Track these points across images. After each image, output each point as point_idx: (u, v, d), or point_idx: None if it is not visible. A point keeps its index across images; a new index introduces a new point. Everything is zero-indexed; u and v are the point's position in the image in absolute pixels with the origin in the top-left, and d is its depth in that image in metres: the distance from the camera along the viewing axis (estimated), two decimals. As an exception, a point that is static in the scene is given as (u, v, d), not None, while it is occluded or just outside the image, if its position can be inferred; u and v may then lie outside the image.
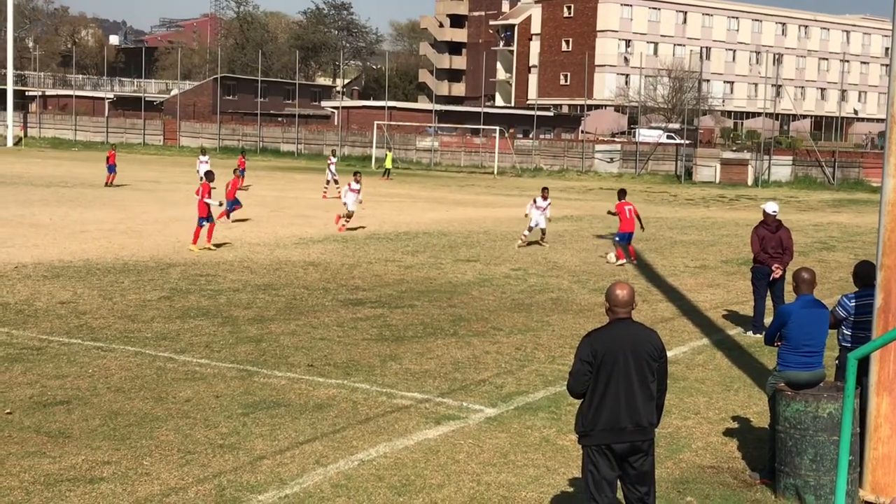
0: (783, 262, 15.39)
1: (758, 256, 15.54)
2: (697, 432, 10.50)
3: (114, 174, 41.40)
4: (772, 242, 15.39)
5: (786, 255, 15.42)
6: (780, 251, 15.38)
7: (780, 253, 15.38)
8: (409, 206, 35.81)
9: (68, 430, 9.87)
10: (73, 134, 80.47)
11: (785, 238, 15.51)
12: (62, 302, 16.26)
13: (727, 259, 24.43)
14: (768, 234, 15.43)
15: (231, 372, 12.20)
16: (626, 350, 6.91)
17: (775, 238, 15.40)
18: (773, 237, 15.40)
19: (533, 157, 64.73)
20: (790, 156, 59.38)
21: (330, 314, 15.94)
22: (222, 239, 24.84)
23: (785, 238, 15.51)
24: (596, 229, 30.38)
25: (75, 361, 12.47)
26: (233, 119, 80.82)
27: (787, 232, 15.68)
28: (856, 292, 9.78)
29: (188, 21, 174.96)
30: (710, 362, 13.70)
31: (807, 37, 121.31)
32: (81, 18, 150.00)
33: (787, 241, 15.54)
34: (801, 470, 8.60)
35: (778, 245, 15.39)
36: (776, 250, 15.36)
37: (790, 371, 9.02)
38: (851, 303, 9.62)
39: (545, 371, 12.75)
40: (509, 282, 19.86)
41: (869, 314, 9.07)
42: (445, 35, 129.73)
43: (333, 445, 9.64)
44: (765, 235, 15.46)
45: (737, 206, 42.61)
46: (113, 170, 41.43)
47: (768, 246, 15.39)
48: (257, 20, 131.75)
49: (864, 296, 9.44)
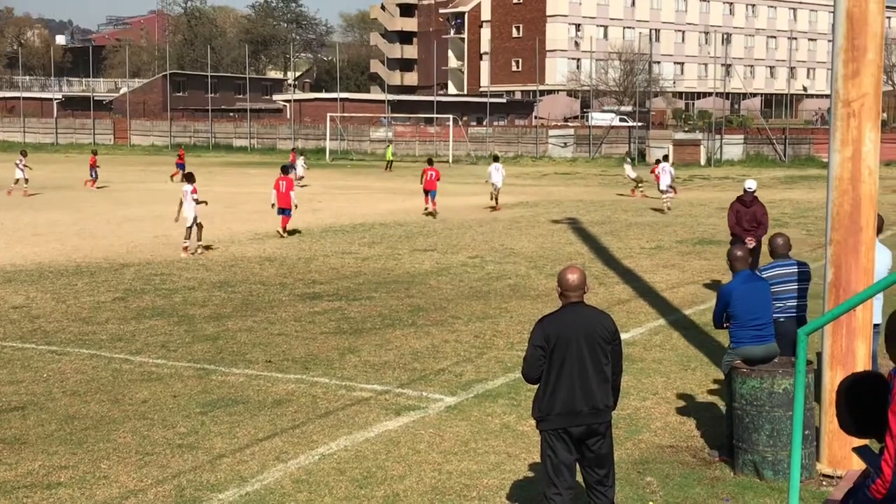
0: (757, 234, 16.42)
1: (733, 230, 16.71)
2: (656, 412, 10.58)
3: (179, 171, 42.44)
4: (746, 216, 16.50)
5: (759, 228, 16.51)
6: (754, 224, 16.46)
7: (755, 227, 16.43)
8: (365, 198, 35.70)
9: (24, 435, 9.75)
10: (21, 136, 79.33)
11: (759, 213, 16.63)
12: (15, 307, 16.06)
13: (682, 239, 24.62)
14: (743, 209, 16.55)
15: (188, 371, 12.11)
16: (578, 334, 6.92)
17: (749, 213, 16.52)
18: (747, 212, 16.53)
19: (487, 145, 64.76)
20: (741, 134, 59.87)
21: (287, 309, 15.86)
22: (177, 237, 24.63)
23: (759, 213, 16.63)
24: (552, 214, 30.45)
25: (29, 366, 12.32)
26: (184, 116, 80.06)
27: (761, 207, 16.80)
28: (767, 265, 10.36)
29: (135, 18, 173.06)
30: (666, 342, 13.80)
31: (754, 15, 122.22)
32: (26, 19, 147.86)
33: (762, 216, 16.65)
34: (759, 446, 8.68)
35: (752, 219, 16.49)
36: (751, 224, 16.46)
37: (744, 347, 9.10)
38: (764, 274, 9.96)
39: (504, 358, 12.78)
40: (467, 270, 19.88)
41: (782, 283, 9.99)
42: (396, 24, 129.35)
43: (293, 441, 9.60)
44: (739, 210, 16.59)
45: (690, 186, 42.89)
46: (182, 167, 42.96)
47: (743, 220, 16.51)
48: (205, 15, 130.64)
49: (773, 267, 10.18)
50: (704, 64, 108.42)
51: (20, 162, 37.12)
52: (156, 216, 29.81)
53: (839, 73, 8.78)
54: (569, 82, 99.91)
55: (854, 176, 8.75)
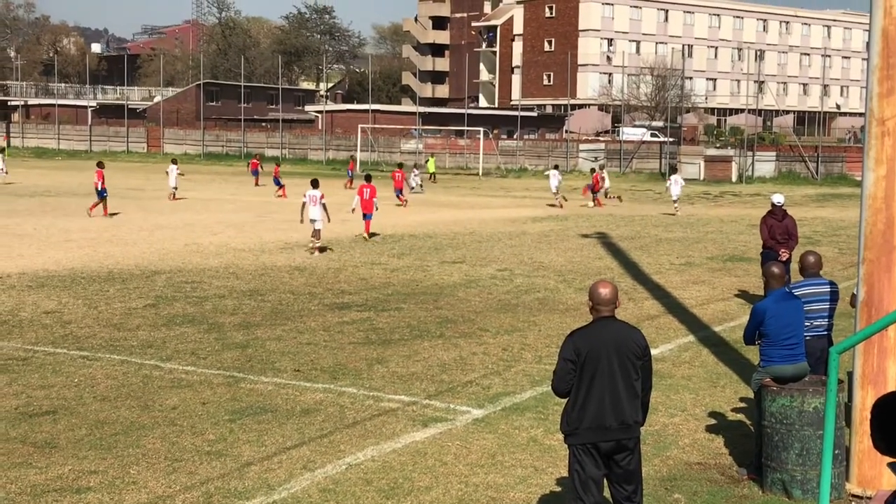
0: (789, 246, 16.82)
1: (766, 243, 17.00)
2: (684, 429, 10.53)
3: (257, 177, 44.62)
4: (779, 230, 16.89)
5: (791, 240, 16.91)
6: (786, 237, 16.86)
7: (787, 239, 16.84)
8: (395, 209, 35.78)
9: (54, 440, 9.84)
10: (56, 143, 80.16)
11: (791, 225, 17.04)
12: (47, 312, 16.21)
13: (712, 256, 24.50)
14: (776, 223, 16.94)
15: (217, 378, 12.17)
16: (609, 348, 6.91)
17: (782, 226, 16.93)
18: (780, 225, 16.94)
19: (517, 158, 64.77)
20: (773, 151, 59.57)
21: (316, 318, 15.92)
22: (207, 245, 24.81)
23: (791, 225, 17.04)
24: (581, 228, 30.41)
25: (61, 371, 12.43)
26: (216, 125, 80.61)
27: (792, 220, 17.21)
28: (797, 282, 10.24)
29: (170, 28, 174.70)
30: (696, 359, 13.73)
31: (788, 32, 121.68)
32: (63, 27, 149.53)
33: (793, 228, 17.08)
34: (788, 465, 8.63)
35: (784, 232, 16.91)
36: (783, 236, 16.84)
37: (774, 366, 9.05)
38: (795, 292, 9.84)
39: (532, 371, 12.76)
40: (495, 282, 19.88)
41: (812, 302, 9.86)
42: (428, 37, 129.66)
43: (321, 450, 9.63)
44: (773, 224, 16.95)
45: (721, 202, 42.72)
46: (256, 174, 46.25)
47: (776, 233, 16.90)
48: (239, 25, 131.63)
49: (804, 285, 10.07)
50: (737, 80, 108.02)
51: (172, 170, 39.10)
52: (187, 224, 30.04)
53: (874, 92, 8.74)
54: (600, 97, 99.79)
55: (888, 194, 8.70)
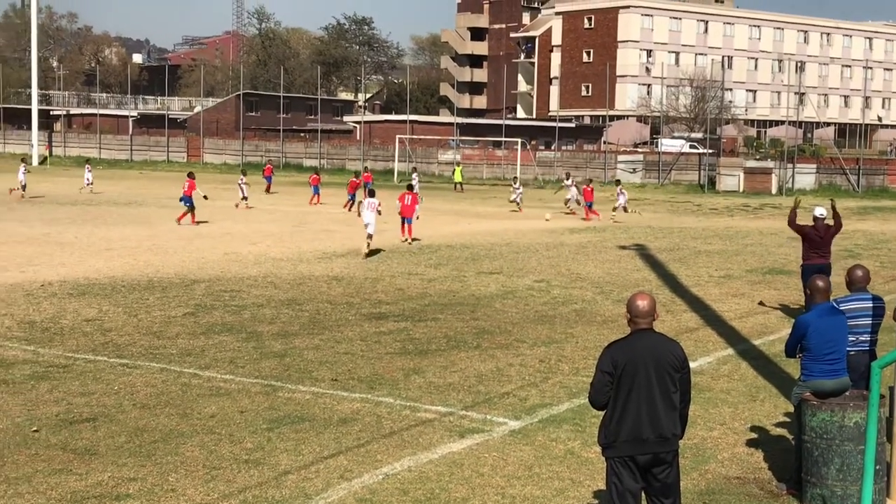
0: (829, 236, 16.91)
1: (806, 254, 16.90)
2: (723, 443, 10.45)
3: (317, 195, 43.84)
4: (818, 244, 16.81)
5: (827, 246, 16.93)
6: (826, 252, 16.84)
7: (827, 254, 16.85)
8: (432, 220, 35.82)
9: (94, 447, 9.93)
10: (97, 152, 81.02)
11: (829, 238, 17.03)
12: (88, 319, 16.38)
13: (752, 268, 24.31)
14: (817, 238, 16.84)
15: (255, 387, 12.24)
16: (647, 361, 6.88)
17: (824, 242, 16.85)
18: (822, 241, 16.84)
19: (555, 169, 64.67)
20: (814, 164, 59.05)
21: (353, 328, 15.97)
22: (246, 254, 24.98)
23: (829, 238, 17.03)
24: (619, 240, 30.29)
25: (101, 379, 12.55)
26: (256, 135, 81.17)
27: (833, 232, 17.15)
28: (844, 297, 9.96)
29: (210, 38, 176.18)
30: (735, 372, 13.63)
31: (829, 44, 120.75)
32: (105, 37, 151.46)
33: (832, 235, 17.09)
34: (828, 480, 8.54)
35: (826, 245, 16.85)
36: (824, 251, 16.83)
37: (815, 380, 8.96)
38: (841, 307, 9.66)
39: (569, 383, 12.72)
40: (532, 294, 19.84)
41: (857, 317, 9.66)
42: (466, 48, 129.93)
43: (358, 460, 9.65)
44: (813, 238, 16.84)
45: (761, 214, 42.40)
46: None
47: (815, 246, 16.80)
48: (279, 36, 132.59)
49: (851, 300, 9.83)
50: (777, 92, 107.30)
51: (242, 181, 40.19)
52: (225, 233, 30.25)
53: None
54: (639, 108, 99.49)
55: (931, 208, 8.59)
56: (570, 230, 33.63)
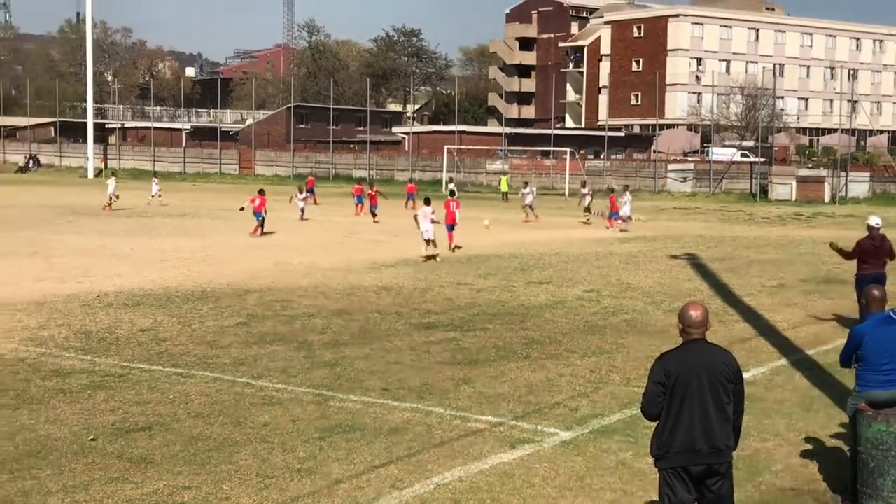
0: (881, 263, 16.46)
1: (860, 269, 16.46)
2: (777, 454, 10.35)
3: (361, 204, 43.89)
4: (872, 254, 16.42)
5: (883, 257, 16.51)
6: (883, 262, 16.48)
7: (884, 265, 16.48)
8: (481, 229, 35.85)
9: (150, 455, 10.06)
10: (151, 165, 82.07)
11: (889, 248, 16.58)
12: (143, 329, 16.59)
13: (805, 278, 24.05)
14: (871, 248, 16.47)
15: (307, 396, 12.33)
16: (699, 371, 6.85)
17: (880, 251, 16.47)
18: (877, 250, 16.47)
19: (604, 178, 64.43)
20: (867, 172, 58.33)
21: (403, 338, 16.03)
22: (297, 265, 25.17)
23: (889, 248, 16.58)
24: (670, 250, 30.12)
25: (156, 388, 12.71)
26: (306, 147, 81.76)
27: (890, 243, 16.70)
28: None
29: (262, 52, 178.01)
30: (788, 383, 13.49)
31: (882, 51, 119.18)
32: (158, 52, 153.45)
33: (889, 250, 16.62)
34: (884, 491, 8.43)
35: (877, 254, 16.45)
36: (881, 261, 16.46)
37: (870, 391, 8.86)
38: None
39: (620, 393, 12.67)
40: (582, 304, 19.79)
41: None
42: (514, 58, 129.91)
43: (409, 469, 9.69)
44: (868, 248, 16.46)
45: (814, 223, 41.94)
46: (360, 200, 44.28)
47: (868, 256, 16.41)
48: (329, 49, 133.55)
49: None
50: (829, 100, 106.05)
51: (298, 195, 40.78)
52: (277, 244, 30.51)
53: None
54: (689, 116, 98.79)
55: None
56: (619, 240, 33.50)
